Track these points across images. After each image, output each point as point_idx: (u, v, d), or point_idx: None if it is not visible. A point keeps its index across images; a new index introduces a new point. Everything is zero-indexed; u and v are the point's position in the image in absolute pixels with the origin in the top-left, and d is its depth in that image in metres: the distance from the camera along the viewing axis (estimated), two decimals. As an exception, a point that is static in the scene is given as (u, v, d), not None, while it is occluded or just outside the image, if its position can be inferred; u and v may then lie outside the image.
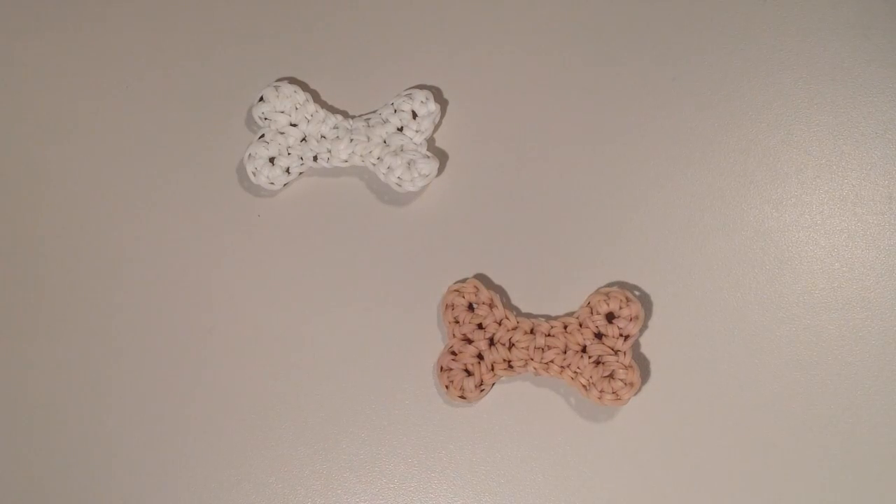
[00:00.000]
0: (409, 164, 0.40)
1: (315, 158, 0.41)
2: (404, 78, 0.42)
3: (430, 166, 0.40)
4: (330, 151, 0.41)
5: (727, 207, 0.40)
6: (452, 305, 0.38)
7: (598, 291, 0.38)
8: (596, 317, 0.38)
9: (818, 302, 0.39)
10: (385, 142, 0.41)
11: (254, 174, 0.41)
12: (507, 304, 0.39)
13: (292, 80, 0.42)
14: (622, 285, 0.39)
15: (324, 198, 0.41)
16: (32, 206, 0.42)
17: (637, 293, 0.39)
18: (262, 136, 0.41)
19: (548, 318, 0.39)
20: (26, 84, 0.43)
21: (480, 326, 0.38)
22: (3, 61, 0.43)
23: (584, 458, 0.38)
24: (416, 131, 0.41)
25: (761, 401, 0.38)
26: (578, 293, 0.39)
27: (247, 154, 0.41)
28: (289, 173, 0.41)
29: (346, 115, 0.42)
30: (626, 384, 0.37)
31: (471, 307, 0.39)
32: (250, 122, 0.42)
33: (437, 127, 0.41)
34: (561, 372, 0.38)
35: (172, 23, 0.43)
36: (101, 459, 0.39)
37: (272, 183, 0.41)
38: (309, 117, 0.41)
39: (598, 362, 0.37)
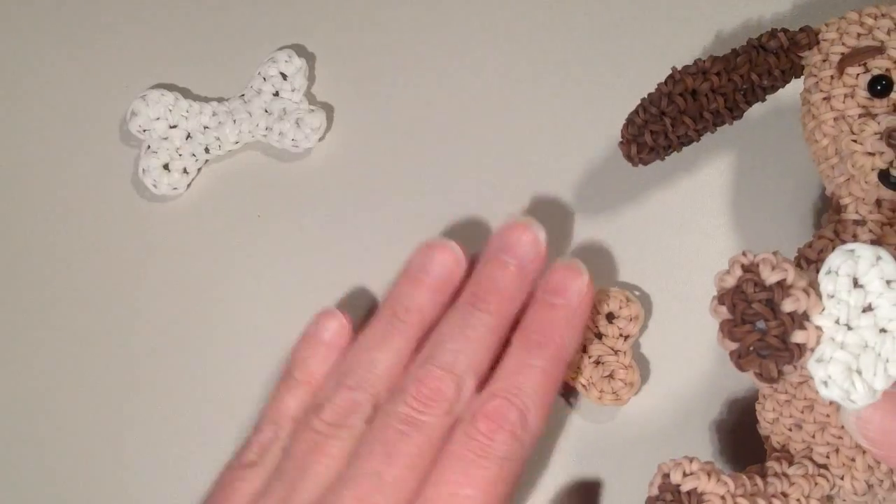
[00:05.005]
0: (298, 122, 0.40)
1: (207, 150, 0.41)
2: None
3: (318, 118, 0.40)
4: (219, 139, 0.41)
5: (728, 207, 0.39)
6: None
7: (598, 291, 0.37)
8: (596, 317, 0.37)
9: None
10: (267, 111, 0.41)
11: (154, 186, 0.40)
12: None
13: (157, 86, 0.42)
14: (622, 285, 0.38)
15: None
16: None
17: (637, 293, 0.38)
18: (148, 147, 0.41)
19: None
20: None
21: None
22: None
23: (584, 458, 0.37)
24: (292, 90, 0.41)
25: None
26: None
27: (140, 169, 0.41)
28: (187, 173, 0.41)
29: (220, 100, 0.42)
30: (625, 384, 0.36)
31: None
32: (127, 137, 0.42)
33: (311, 82, 0.42)
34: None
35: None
36: (98, 459, 0.39)
37: (175, 188, 0.41)
38: (185, 114, 0.41)
39: (598, 362, 0.36)
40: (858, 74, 0.31)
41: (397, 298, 0.35)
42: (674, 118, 0.33)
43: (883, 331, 0.25)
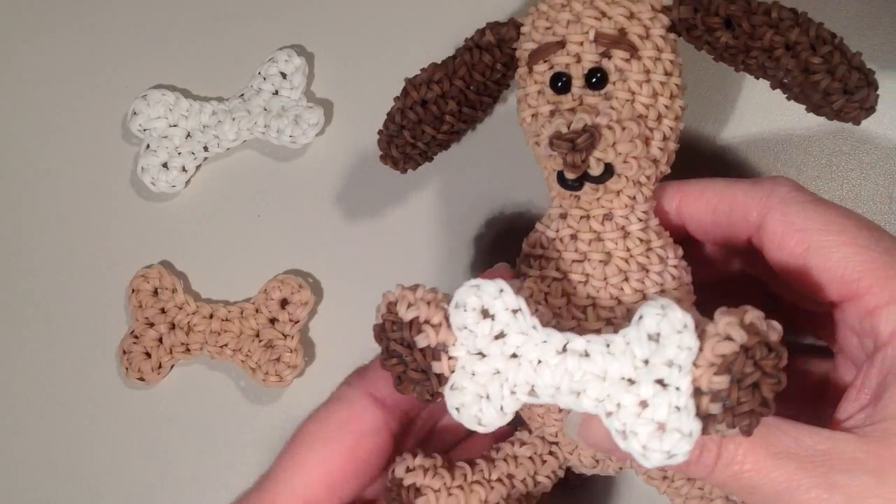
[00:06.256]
0: (296, 119, 0.40)
1: (206, 148, 0.41)
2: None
3: (316, 114, 0.40)
4: (217, 137, 0.41)
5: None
6: (137, 290, 0.40)
7: (274, 278, 0.39)
8: (269, 303, 0.39)
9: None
10: (266, 108, 0.41)
11: (153, 184, 0.41)
12: (188, 289, 0.40)
13: (158, 86, 0.42)
14: (297, 273, 0.40)
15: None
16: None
17: (310, 280, 0.40)
18: (148, 146, 0.41)
19: (226, 303, 0.40)
20: None
21: (163, 311, 0.39)
22: None
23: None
24: (291, 88, 0.41)
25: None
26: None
27: (139, 167, 0.41)
28: (185, 171, 0.41)
29: (220, 99, 0.42)
30: (289, 366, 0.38)
31: (156, 292, 0.40)
32: (128, 136, 0.42)
33: (310, 81, 0.41)
34: (233, 356, 0.39)
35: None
36: (99, 457, 0.39)
37: (174, 186, 0.41)
38: (185, 113, 0.41)
39: (268, 346, 0.38)
40: (545, 71, 0.30)
41: None
42: (412, 129, 0.33)
43: (514, 356, 0.26)
